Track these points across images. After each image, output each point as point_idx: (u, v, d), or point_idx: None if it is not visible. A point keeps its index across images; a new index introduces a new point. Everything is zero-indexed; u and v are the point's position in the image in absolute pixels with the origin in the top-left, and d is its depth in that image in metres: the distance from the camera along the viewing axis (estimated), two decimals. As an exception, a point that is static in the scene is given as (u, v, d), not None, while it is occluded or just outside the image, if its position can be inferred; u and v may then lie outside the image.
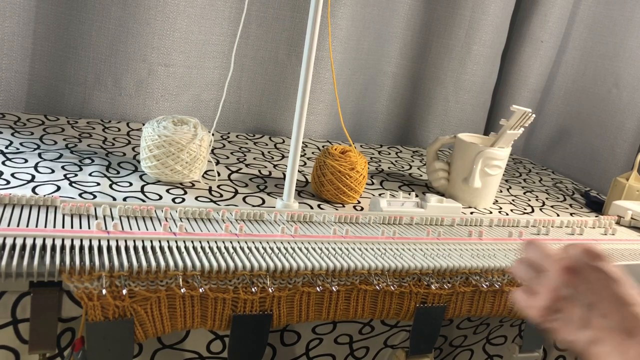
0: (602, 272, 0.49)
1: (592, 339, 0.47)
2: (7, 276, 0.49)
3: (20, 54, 1.06)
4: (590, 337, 0.47)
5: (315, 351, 0.67)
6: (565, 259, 0.50)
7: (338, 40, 1.23)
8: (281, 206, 0.79)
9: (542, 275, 0.51)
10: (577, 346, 0.48)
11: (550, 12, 1.39)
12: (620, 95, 1.34)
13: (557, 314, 0.49)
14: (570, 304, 0.49)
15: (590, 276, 0.49)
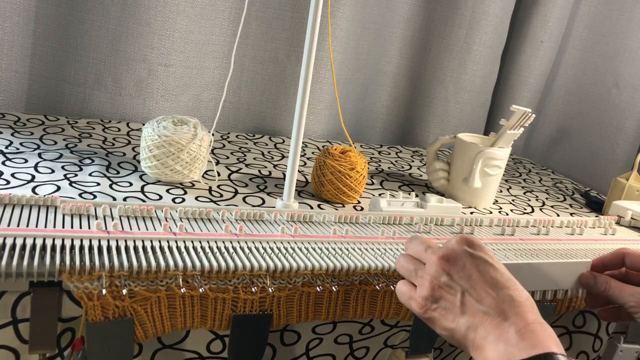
0: (476, 258, 0.50)
1: (470, 325, 0.48)
2: (7, 276, 0.49)
3: (20, 54, 1.06)
4: (468, 322, 0.48)
5: (315, 351, 0.67)
6: (442, 249, 0.52)
7: (338, 40, 1.23)
8: (281, 206, 0.79)
9: (422, 267, 0.52)
10: (457, 334, 0.49)
11: (550, 12, 1.39)
12: (620, 95, 1.34)
13: (436, 302, 0.50)
14: (448, 291, 0.50)
15: (465, 263, 0.50)
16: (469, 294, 0.49)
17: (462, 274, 0.50)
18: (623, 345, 0.79)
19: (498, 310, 0.47)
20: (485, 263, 0.50)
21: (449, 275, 0.50)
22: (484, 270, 0.50)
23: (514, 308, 0.47)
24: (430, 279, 0.50)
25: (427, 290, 0.50)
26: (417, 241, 0.55)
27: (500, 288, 0.49)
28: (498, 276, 0.50)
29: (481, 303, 0.48)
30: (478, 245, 0.52)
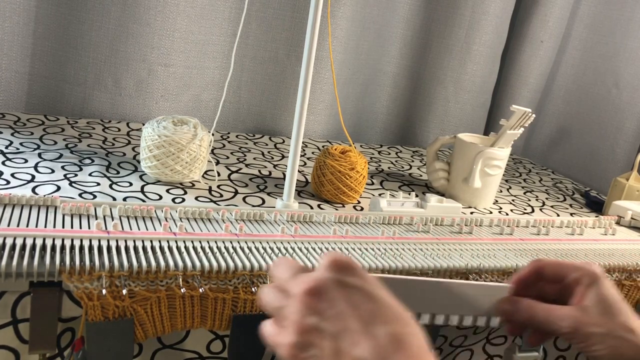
0: (348, 288, 0.40)
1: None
2: (7, 276, 0.49)
3: (20, 54, 1.06)
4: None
5: (315, 351, 0.67)
6: (308, 279, 0.41)
7: (338, 40, 1.23)
8: (281, 206, 0.79)
9: (288, 303, 0.41)
10: None
11: (550, 12, 1.39)
12: (620, 95, 1.34)
13: (306, 350, 0.39)
14: (318, 336, 0.39)
15: (335, 297, 0.39)
16: (341, 338, 0.38)
17: (332, 311, 0.39)
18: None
19: (377, 356, 0.38)
20: (360, 292, 0.40)
21: (316, 315, 0.39)
22: (359, 302, 0.40)
23: (395, 352, 0.38)
24: (296, 320, 0.40)
25: (294, 336, 0.40)
26: (282, 267, 0.44)
27: (379, 325, 0.39)
28: (376, 308, 0.39)
29: (356, 348, 0.38)
30: (351, 268, 0.41)
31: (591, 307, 0.52)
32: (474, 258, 0.69)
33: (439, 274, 0.65)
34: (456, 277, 0.66)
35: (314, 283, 0.40)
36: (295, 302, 0.40)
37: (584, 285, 0.53)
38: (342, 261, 0.41)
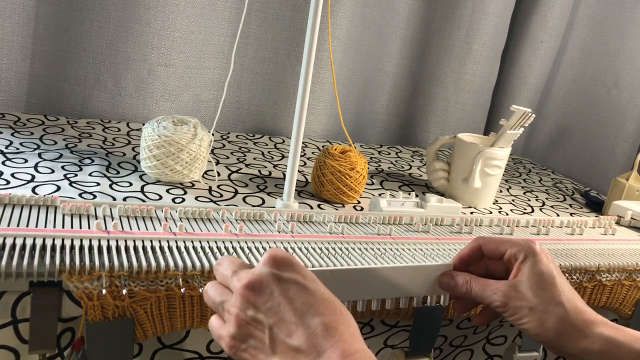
0: (285, 282, 0.43)
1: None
2: (7, 276, 0.49)
3: (20, 54, 1.06)
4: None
5: (315, 351, 0.67)
6: (248, 274, 0.43)
7: (338, 40, 1.23)
8: (281, 206, 0.79)
9: (229, 297, 0.44)
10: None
11: (550, 12, 1.39)
12: (620, 95, 1.34)
13: (245, 341, 0.43)
14: (256, 327, 0.42)
15: (273, 290, 0.42)
16: (278, 329, 0.41)
17: (269, 304, 0.42)
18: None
19: (311, 344, 0.40)
20: (296, 285, 0.43)
21: (255, 308, 0.42)
22: (295, 295, 0.42)
23: (328, 339, 0.40)
24: (236, 313, 0.43)
25: (234, 328, 0.42)
26: (224, 264, 0.46)
27: (313, 315, 0.41)
28: (311, 300, 0.42)
29: (292, 338, 0.41)
30: (288, 263, 0.44)
31: (523, 282, 0.54)
32: (474, 258, 0.69)
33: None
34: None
35: (252, 278, 0.43)
36: (235, 297, 0.43)
37: (520, 261, 0.55)
38: (280, 257, 0.44)
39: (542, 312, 0.52)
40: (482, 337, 0.81)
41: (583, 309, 0.53)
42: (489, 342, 0.82)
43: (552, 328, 0.52)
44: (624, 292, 0.78)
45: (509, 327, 0.82)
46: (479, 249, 0.58)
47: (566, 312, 0.52)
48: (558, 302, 0.52)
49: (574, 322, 0.52)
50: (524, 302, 0.53)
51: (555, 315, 0.52)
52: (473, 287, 0.56)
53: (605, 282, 0.76)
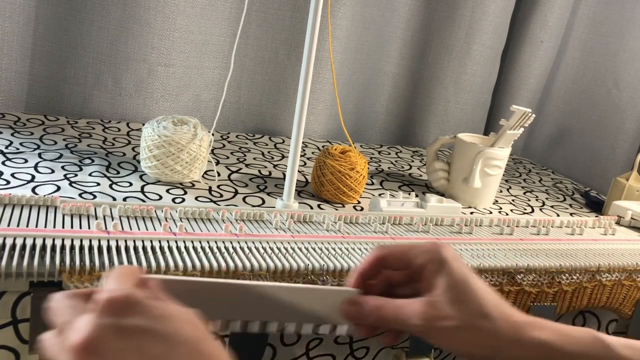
0: (130, 333, 0.33)
1: None
2: (7, 276, 0.49)
3: (20, 54, 1.06)
4: None
5: (316, 351, 0.67)
6: (79, 332, 0.33)
7: (338, 40, 1.23)
8: (281, 206, 0.79)
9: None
10: None
11: (550, 12, 1.39)
12: (620, 95, 1.34)
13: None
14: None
15: (116, 351, 0.33)
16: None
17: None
18: None
19: None
20: (146, 334, 0.34)
21: None
22: (146, 348, 0.33)
23: None
24: None
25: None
26: (60, 306, 0.37)
27: None
28: (168, 350, 0.34)
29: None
30: (130, 305, 0.34)
31: (440, 298, 0.46)
32: (474, 258, 0.69)
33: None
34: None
35: (83, 338, 0.32)
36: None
37: (431, 272, 0.47)
38: (119, 299, 0.34)
39: (470, 329, 0.46)
40: (482, 337, 0.81)
41: (510, 313, 0.47)
42: (489, 342, 0.82)
43: (484, 344, 0.46)
44: (624, 292, 0.78)
45: (509, 327, 0.81)
46: (379, 261, 0.50)
47: (495, 324, 0.46)
48: (483, 314, 0.46)
49: (504, 332, 0.46)
50: (448, 321, 0.45)
51: (484, 329, 0.46)
52: (385, 314, 0.47)
53: (605, 282, 0.76)
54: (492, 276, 0.68)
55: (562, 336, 0.47)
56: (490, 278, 0.68)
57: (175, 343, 0.34)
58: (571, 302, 0.74)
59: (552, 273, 0.72)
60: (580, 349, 0.46)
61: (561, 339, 0.47)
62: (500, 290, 0.68)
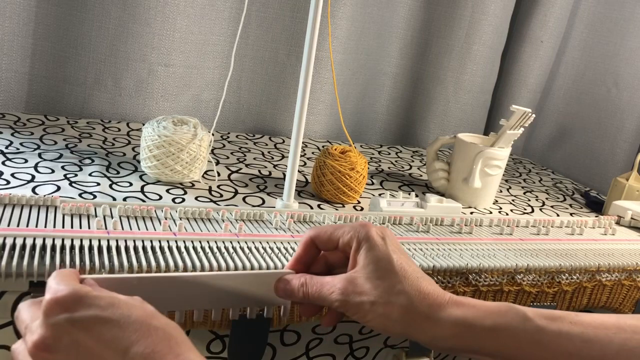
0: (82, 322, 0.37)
1: None
2: (7, 276, 0.49)
3: (20, 54, 1.06)
4: None
5: (315, 351, 0.67)
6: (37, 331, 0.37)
7: (338, 40, 1.23)
8: (281, 206, 0.79)
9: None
10: None
11: (550, 12, 1.39)
12: (620, 95, 1.34)
13: None
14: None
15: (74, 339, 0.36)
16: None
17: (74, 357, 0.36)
18: None
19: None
20: (96, 321, 0.37)
21: None
22: (102, 335, 0.36)
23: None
24: None
25: None
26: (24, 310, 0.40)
27: (126, 349, 0.36)
28: (118, 332, 0.37)
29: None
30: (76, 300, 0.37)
31: (359, 274, 0.48)
32: (474, 258, 0.69)
33: (438, 274, 0.65)
34: (456, 277, 0.66)
35: (37, 338, 0.36)
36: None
37: (354, 249, 0.49)
38: (64, 298, 0.37)
39: (385, 304, 0.47)
40: (482, 337, 0.81)
41: (428, 292, 0.47)
42: (489, 342, 0.82)
43: (398, 320, 0.46)
44: (624, 292, 0.78)
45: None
46: (312, 243, 0.52)
47: (410, 301, 0.46)
48: (399, 290, 0.47)
49: (420, 309, 0.46)
50: (363, 296, 0.47)
51: (398, 306, 0.46)
52: (309, 290, 0.49)
53: (605, 282, 0.76)
54: (492, 276, 0.68)
55: (479, 312, 0.47)
56: (490, 278, 0.68)
57: (127, 324, 0.37)
58: (571, 302, 0.74)
59: (552, 273, 0.72)
60: (496, 323, 0.46)
61: (477, 314, 0.47)
62: (500, 290, 0.68)
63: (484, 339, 0.46)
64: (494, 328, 0.46)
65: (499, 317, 0.46)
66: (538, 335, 0.45)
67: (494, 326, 0.46)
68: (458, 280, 0.66)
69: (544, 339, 0.45)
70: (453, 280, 0.66)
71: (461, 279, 0.66)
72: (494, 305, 0.48)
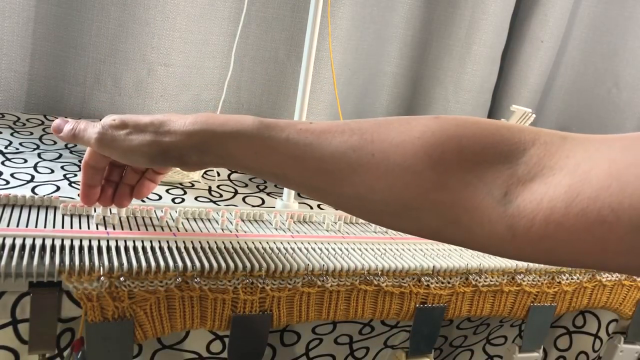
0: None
1: None
2: (6, 276, 0.49)
3: (20, 54, 1.06)
4: None
5: (315, 351, 0.67)
6: None
7: (338, 40, 1.23)
8: (281, 206, 0.79)
9: None
10: None
11: (550, 12, 1.39)
12: (620, 95, 1.34)
13: None
14: None
15: None
16: None
17: None
18: (623, 346, 0.78)
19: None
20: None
21: None
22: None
23: None
24: None
25: None
26: None
27: None
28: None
29: None
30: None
31: None
32: (474, 258, 0.69)
33: (438, 274, 0.65)
34: (456, 277, 0.66)
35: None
36: None
37: None
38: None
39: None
40: (483, 338, 0.81)
41: None
42: (489, 342, 0.82)
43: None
44: (624, 292, 0.78)
45: (509, 327, 0.82)
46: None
47: None
48: None
49: None
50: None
51: None
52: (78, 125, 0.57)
53: (605, 282, 0.76)
54: (492, 276, 0.68)
55: None
56: (490, 278, 0.68)
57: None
58: (571, 302, 0.74)
59: (552, 273, 0.72)
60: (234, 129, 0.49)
61: None
62: (500, 290, 0.68)
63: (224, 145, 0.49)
64: (233, 133, 0.49)
65: (237, 124, 0.49)
66: (269, 141, 0.47)
67: (232, 131, 0.49)
68: (458, 280, 0.66)
69: (270, 144, 0.47)
70: (453, 280, 0.66)
71: (461, 279, 0.66)
72: None
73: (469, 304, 0.68)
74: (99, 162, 0.57)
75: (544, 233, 0.35)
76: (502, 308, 0.69)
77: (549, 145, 0.37)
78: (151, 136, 0.51)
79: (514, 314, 0.71)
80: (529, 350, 0.76)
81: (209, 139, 0.49)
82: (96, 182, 0.58)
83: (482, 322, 0.78)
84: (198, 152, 0.50)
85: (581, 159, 0.35)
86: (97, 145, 0.54)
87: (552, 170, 0.36)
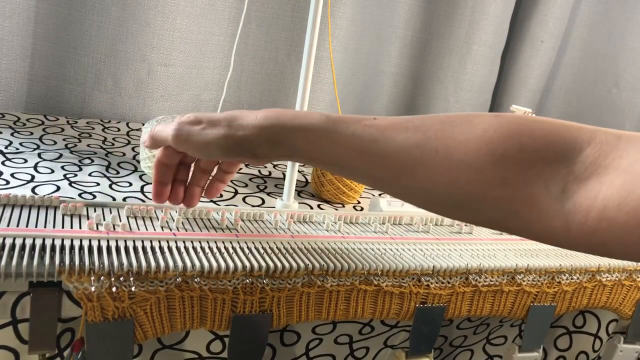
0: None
1: None
2: (6, 276, 0.49)
3: (20, 54, 1.06)
4: None
5: (315, 351, 0.67)
6: None
7: (338, 40, 1.23)
8: (281, 206, 0.79)
9: None
10: None
11: (550, 12, 1.39)
12: (620, 95, 1.34)
13: None
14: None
15: None
16: None
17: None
18: (623, 346, 0.78)
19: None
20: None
21: None
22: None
23: None
24: None
25: None
26: None
27: None
28: None
29: None
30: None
31: None
32: (474, 258, 0.69)
33: (438, 274, 0.65)
34: (456, 277, 0.66)
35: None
36: None
37: None
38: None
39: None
40: (482, 337, 0.81)
41: None
42: (489, 342, 0.82)
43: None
44: (624, 292, 0.78)
45: (509, 327, 0.82)
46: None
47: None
48: None
49: None
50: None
51: None
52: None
53: (605, 282, 0.76)
54: (492, 276, 0.68)
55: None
56: (490, 278, 0.68)
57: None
58: (571, 302, 0.74)
59: (552, 273, 0.72)
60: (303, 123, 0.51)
61: None
62: (500, 290, 0.68)
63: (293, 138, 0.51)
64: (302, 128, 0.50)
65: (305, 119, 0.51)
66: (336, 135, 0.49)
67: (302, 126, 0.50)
68: (458, 281, 0.66)
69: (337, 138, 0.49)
70: (453, 280, 0.66)
71: (461, 279, 0.66)
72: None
73: (468, 303, 0.68)
74: (172, 160, 0.59)
75: (597, 228, 0.38)
76: (502, 308, 0.69)
77: (604, 144, 0.39)
78: (225, 130, 0.52)
79: (513, 313, 0.71)
80: (528, 350, 0.76)
81: (280, 132, 0.50)
82: (167, 179, 0.60)
83: (482, 322, 0.78)
84: (268, 145, 0.51)
85: (634, 159, 0.38)
86: (175, 141, 0.55)
87: (606, 169, 0.38)
